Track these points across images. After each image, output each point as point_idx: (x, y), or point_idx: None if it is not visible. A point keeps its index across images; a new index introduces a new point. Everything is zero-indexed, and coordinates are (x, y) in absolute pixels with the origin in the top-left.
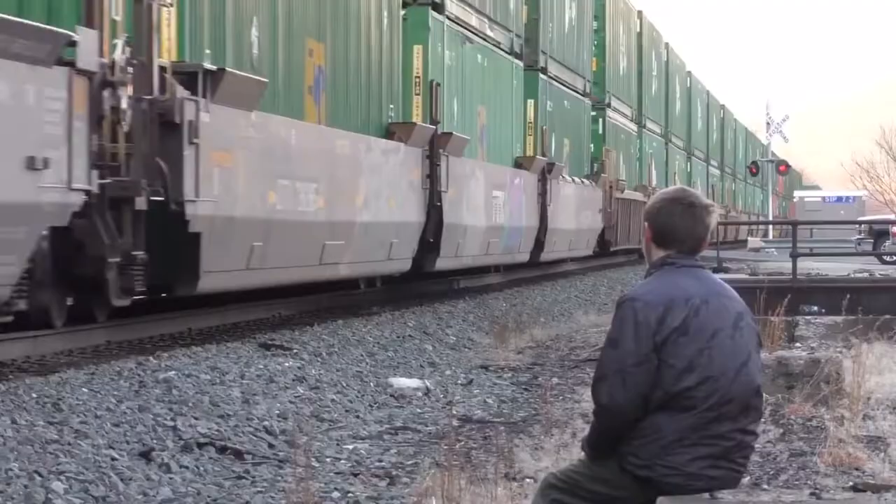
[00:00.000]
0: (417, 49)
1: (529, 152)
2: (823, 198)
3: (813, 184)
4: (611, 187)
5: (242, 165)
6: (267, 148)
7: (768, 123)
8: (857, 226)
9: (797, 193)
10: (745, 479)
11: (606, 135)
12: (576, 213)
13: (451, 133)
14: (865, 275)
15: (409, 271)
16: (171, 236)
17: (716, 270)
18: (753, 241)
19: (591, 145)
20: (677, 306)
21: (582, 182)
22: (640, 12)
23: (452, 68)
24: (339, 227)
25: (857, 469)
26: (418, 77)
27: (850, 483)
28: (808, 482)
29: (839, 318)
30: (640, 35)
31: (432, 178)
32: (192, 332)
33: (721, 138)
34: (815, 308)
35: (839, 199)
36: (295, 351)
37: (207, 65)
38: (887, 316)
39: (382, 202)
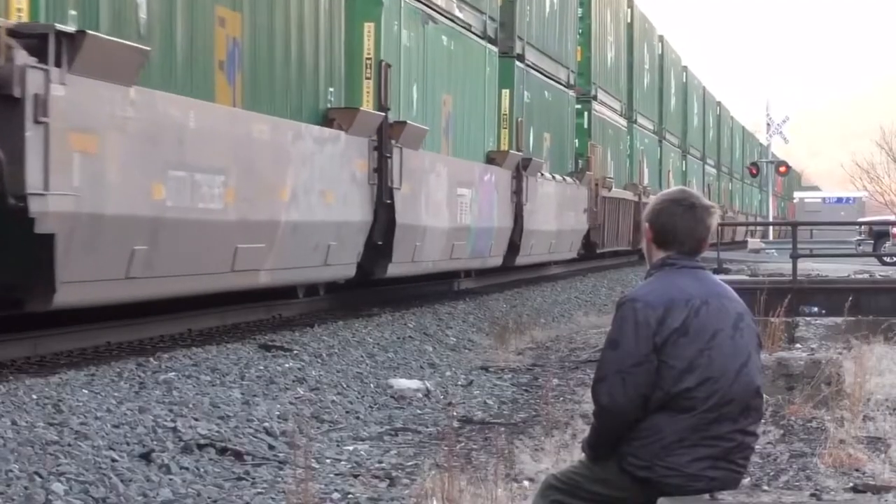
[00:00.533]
0: (368, 27)
1: (504, 146)
2: (823, 199)
3: (812, 185)
4: (597, 185)
5: (116, 152)
6: (153, 132)
7: (768, 124)
8: (857, 227)
9: (797, 194)
10: (746, 480)
11: (592, 129)
12: (557, 213)
13: (405, 122)
14: (866, 276)
15: (355, 278)
16: (16, 240)
17: (716, 271)
18: (753, 242)
19: (576, 141)
20: (677, 307)
21: (564, 180)
22: (630, 0)
23: (411, 50)
24: (256, 228)
25: (857, 470)
26: (369, 58)
27: (851, 484)
28: (809, 483)
29: (839, 319)
30: (630, 25)
31: (381, 172)
32: (192, 334)
33: (718, 136)
34: (816, 309)
35: (839, 199)
36: (295, 352)
37: (61, 26)
38: (893, 319)
39: (316, 198)
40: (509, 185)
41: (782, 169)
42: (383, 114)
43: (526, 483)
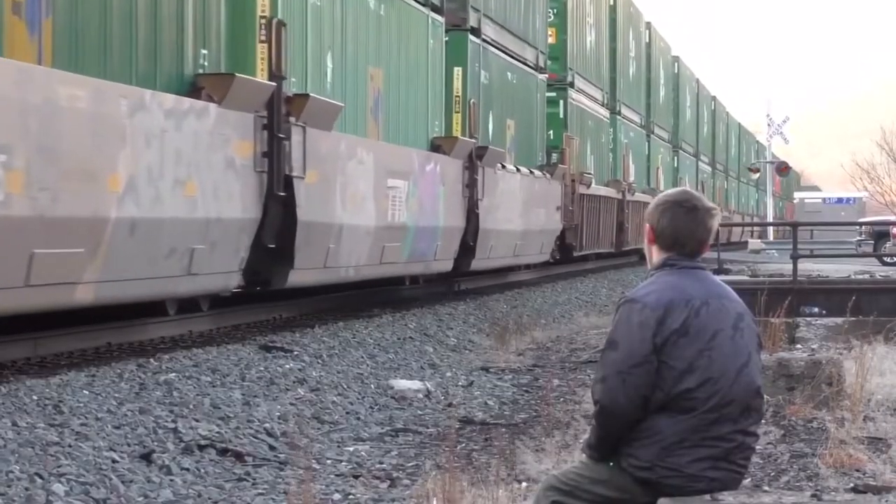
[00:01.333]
0: None
1: (457, 132)
2: (824, 199)
3: (811, 185)
4: (573, 181)
5: None
6: None
7: (769, 125)
8: (857, 227)
9: (797, 195)
10: (746, 481)
11: (569, 119)
12: (523, 210)
13: (306, 96)
14: (866, 276)
15: (243, 289)
16: None
17: (716, 272)
18: (754, 243)
19: (551, 132)
20: (677, 308)
21: (532, 173)
22: None
23: (322, 10)
24: (67, 227)
25: (858, 470)
26: (264, 16)
27: (851, 484)
28: (810, 484)
29: (840, 320)
30: (613, 8)
31: (273, 156)
32: (192, 335)
33: (712, 132)
34: (816, 309)
35: (839, 200)
36: (295, 353)
37: None
38: (894, 319)
39: (169, 189)
40: (460, 178)
41: (783, 169)
42: (274, 84)
43: (527, 484)
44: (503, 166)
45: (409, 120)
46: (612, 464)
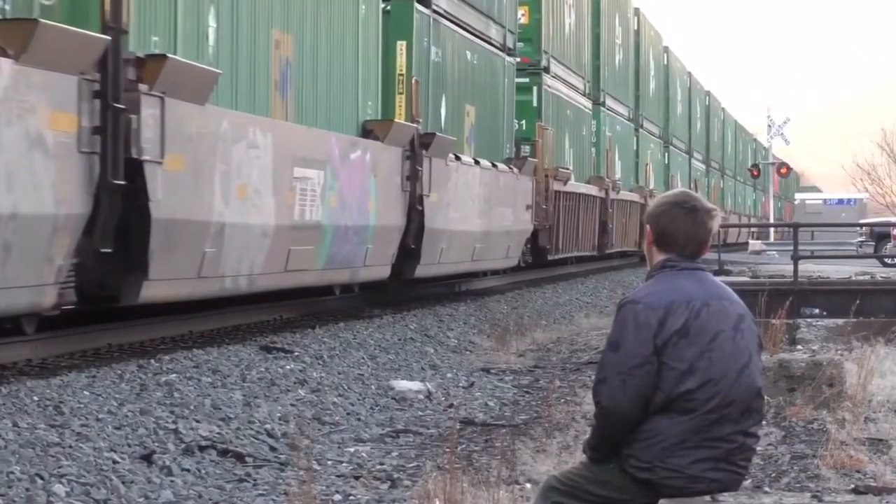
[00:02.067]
0: None
1: (400, 116)
2: (824, 200)
3: (811, 185)
4: (547, 176)
5: None
6: None
7: (769, 126)
8: (858, 228)
9: (798, 196)
10: (747, 482)
11: (544, 108)
12: (484, 208)
13: (164, 57)
14: (867, 277)
15: (71, 307)
16: None
17: (717, 273)
18: (754, 244)
19: (523, 122)
20: (678, 309)
21: (494, 166)
22: None
23: None
24: None
25: (858, 471)
26: None
27: (852, 485)
28: (810, 485)
29: (841, 321)
30: None
31: (108, 133)
32: (193, 335)
33: (707, 128)
34: (817, 311)
35: (840, 201)
36: (296, 354)
37: None
38: (894, 320)
39: None
40: (399, 168)
41: (783, 170)
42: (109, 40)
43: (528, 485)
44: (458, 157)
45: (332, 99)
46: (612, 465)
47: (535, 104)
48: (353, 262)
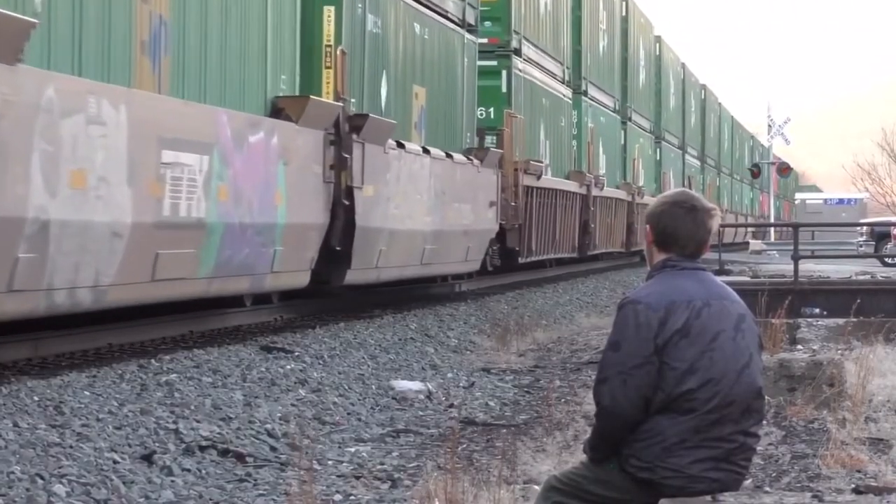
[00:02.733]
0: None
1: (327, 94)
2: (825, 200)
3: (811, 184)
4: (517, 170)
5: None
6: None
7: (770, 126)
8: (858, 228)
9: (798, 195)
10: (747, 482)
11: (514, 94)
12: (436, 204)
13: None
14: (867, 277)
15: None
16: None
17: (717, 273)
18: (755, 244)
19: (491, 109)
20: (679, 309)
21: (449, 156)
22: None
23: None
24: None
25: (859, 471)
26: None
27: (853, 485)
28: (810, 485)
29: (841, 321)
30: None
31: None
32: (193, 335)
33: (702, 123)
34: (817, 310)
35: (840, 201)
36: (297, 354)
37: None
38: (895, 320)
39: None
40: (319, 155)
41: (784, 170)
42: None
43: (528, 485)
44: (401, 145)
45: (228, 70)
46: (613, 464)
47: (503, 90)
48: (254, 269)
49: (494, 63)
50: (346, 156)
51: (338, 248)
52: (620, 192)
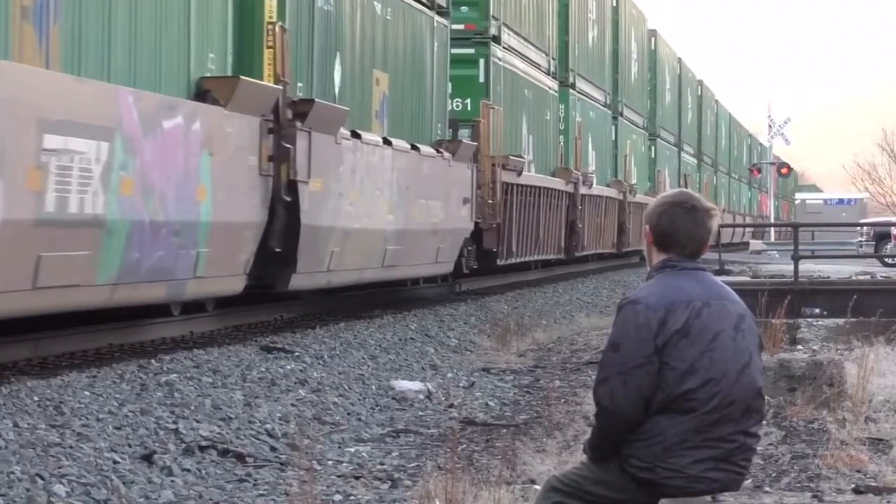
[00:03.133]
0: None
1: (269, 76)
2: (825, 200)
3: (810, 184)
4: (494, 165)
5: None
6: None
7: (770, 126)
8: (858, 228)
9: (799, 195)
10: (747, 482)
11: (492, 85)
12: (400, 201)
13: None
14: (867, 277)
15: None
16: None
17: (717, 273)
18: (755, 244)
19: (467, 100)
20: (678, 309)
21: (415, 149)
22: None
23: None
24: None
25: (859, 471)
26: None
27: (853, 485)
28: (810, 485)
29: (841, 321)
30: None
31: None
32: (193, 336)
33: (698, 120)
34: (817, 310)
35: (840, 201)
36: (297, 354)
37: None
38: (894, 320)
39: None
40: (256, 144)
41: (784, 171)
42: None
43: (528, 485)
44: (356, 134)
45: (140, 44)
46: (613, 465)
47: (481, 80)
48: (172, 273)
49: (471, 51)
50: (288, 146)
51: (278, 250)
52: (611, 191)
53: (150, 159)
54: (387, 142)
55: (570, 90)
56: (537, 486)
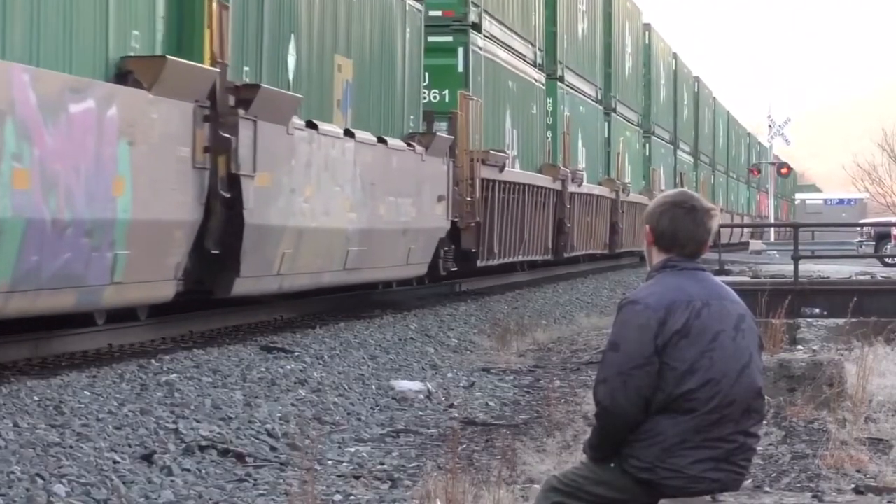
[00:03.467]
0: None
1: (207, 59)
2: (825, 200)
3: (810, 184)
4: (473, 160)
5: None
6: None
7: (770, 126)
8: (858, 228)
9: (799, 195)
10: (747, 482)
11: (472, 75)
12: (363, 198)
13: None
14: (867, 277)
15: None
16: None
17: (717, 273)
18: (755, 244)
19: (446, 91)
20: (679, 309)
21: (382, 141)
22: None
23: None
24: None
25: (859, 471)
26: None
27: (853, 485)
28: (810, 485)
29: (841, 321)
30: None
31: None
32: (193, 335)
33: (695, 118)
34: (817, 310)
35: (840, 201)
36: (297, 354)
37: None
38: (895, 320)
39: None
40: (189, 134)
41: (784, 171)
42: None
43: (528, 485)
44: (312, 125)
45: (43, 17)
46: (613, 465)
47: (460, 69)
48: (83, 279)
49: (449, 39)
50: (228, 136)
51: (215, 252)
52: (603, 189)
53: (52, 148)
54: (349, 133)
55: (559, 83)
56: (537, 486)
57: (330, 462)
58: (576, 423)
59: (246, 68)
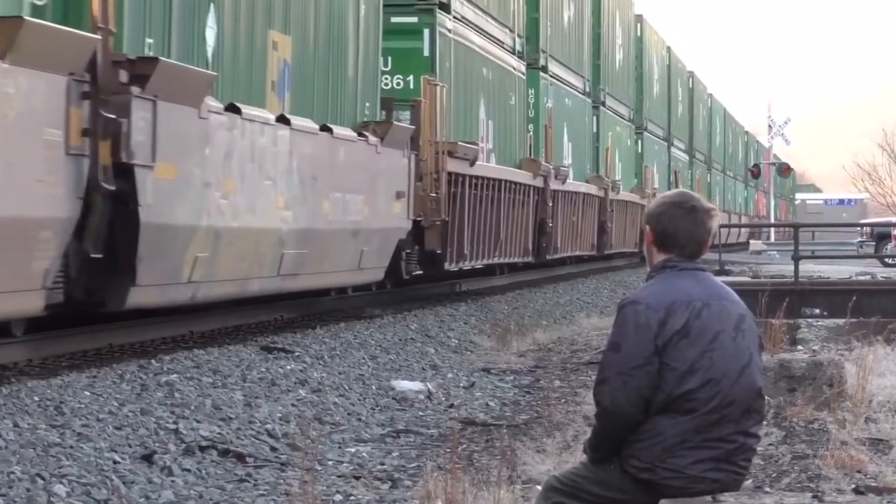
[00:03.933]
0: None
1: (97, 20)
2: (825, 200)
3: (810, 184)
4: (439, 153)
5: None
6: None
7: (770, 126)
8: (858, 228)
9: (799, 196)
10: (748, 482)
11: (439, 60)
12: (302, 193)
13: None
14: (867, 277)
15: None
16: None
17: (717, 273)
18: (755, 244)
19: (410, 77)
20: (679, 309)
21: (327, 130)
22: None
23: None
24: None
25: (859, 472)
26: None
27: (853, 486)
28: (810, 485)
29: (841, 321)
30: None
31: None
32: (193, 335)
33: (690, 114)
34: (817, 311)
35: (841, 201)
36: (297, 354)
37: None
38: (895, 320)
39: None
40: (60, 113)
41: (784, 171)
42: None
43: (528, 485)
44: (234, 108)
45: None
46: (613, 465)
47: (425, 53)
48: None
49: (414, 20)
50: (115, 117)
51: (95, 256)
52: (590, 187)
53: None
54: (284, 120)
55: (542, 73)
56: (537, 486)
57: (330, 462)
58: (576, 423)
59: (149, 40)
